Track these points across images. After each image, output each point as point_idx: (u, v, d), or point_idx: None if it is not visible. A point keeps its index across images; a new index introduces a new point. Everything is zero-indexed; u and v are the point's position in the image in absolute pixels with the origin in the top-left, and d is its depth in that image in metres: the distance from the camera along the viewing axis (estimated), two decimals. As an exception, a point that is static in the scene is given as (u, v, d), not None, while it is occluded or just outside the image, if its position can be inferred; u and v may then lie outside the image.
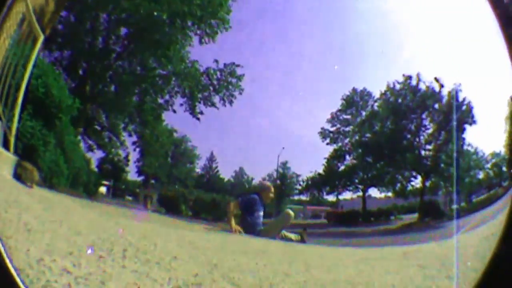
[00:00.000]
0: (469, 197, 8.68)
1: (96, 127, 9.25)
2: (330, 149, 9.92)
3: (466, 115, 8.87)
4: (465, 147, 9.16)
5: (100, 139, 9.19)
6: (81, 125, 8.46)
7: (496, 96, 7.20)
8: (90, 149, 8.95)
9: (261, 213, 7.92)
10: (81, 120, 8.32)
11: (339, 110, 9.97)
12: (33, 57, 6.19)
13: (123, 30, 9.36)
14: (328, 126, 9.89)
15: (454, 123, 9.21)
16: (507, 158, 7.74)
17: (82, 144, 8.58)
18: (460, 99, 8.96)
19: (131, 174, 9.00)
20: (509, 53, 3.35)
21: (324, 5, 8.40)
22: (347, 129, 10.05)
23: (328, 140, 9.88)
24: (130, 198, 8.78)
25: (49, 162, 6.68)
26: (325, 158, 9.79)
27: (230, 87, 9.45)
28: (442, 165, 9.55)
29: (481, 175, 9.12)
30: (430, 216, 8.92)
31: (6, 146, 5.81)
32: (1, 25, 3.96)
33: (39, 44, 6.30)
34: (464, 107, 8.91)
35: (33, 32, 6.13)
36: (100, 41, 9.29)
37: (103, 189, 8.38)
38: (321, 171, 9.79)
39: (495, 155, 8.73)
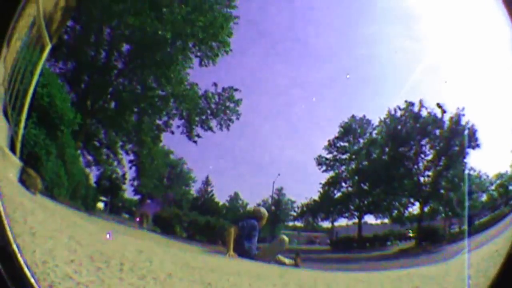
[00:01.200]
0: (471, 220, 8.64)
1: (95, 143, 9.30)
2: (327, 176, 9.84)
3: (469, 139, 8.93)
4: (467, 171, 9.20)
5: (98, 155, 9.24)
6: (81, 139, 8.54)
7: (501, 117, 7.25)
8: (88, 164, 8.99)
9: (257, 238, 7.98)
10: (81, 134, 8.41)
11: (336, 138, 9.90)
12: (40, 65, 6.32)
13: (125, 47, 9.48)
14: (325, 153, 9.81)
15: (460, 149, 9.24)
16: None
17: (81, 159, 8.64)
18: (463, 123, 9.01)
19: (128, 192, 9.03)
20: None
21: (326, 30, 8.48)
22: (344, 156, 10.00)
23: (324, 167, 9.81)
24: (126, 216, 8.84)
25: (51, 172, 6.80)
26: (320, 184, 9.68)
27: (227, 111, 9.49)
28: (442, 190, 9.57)
29: (484, 198, 9.02)
30: (428, 241, 8.88)
31: (13, 149, 5.91)
32: (15, 24, 4.06)
33: (46, 53, 6.42)
34: (466, 131, 8.96)
35: (41, 38, 6.26)
36: (103, 56, 9.44)
37: (101, 205, 8.45)
38: (316, 197, 9.70)
39: (499, 176, 8.62)
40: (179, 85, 9.54)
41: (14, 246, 2.99)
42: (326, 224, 9.89)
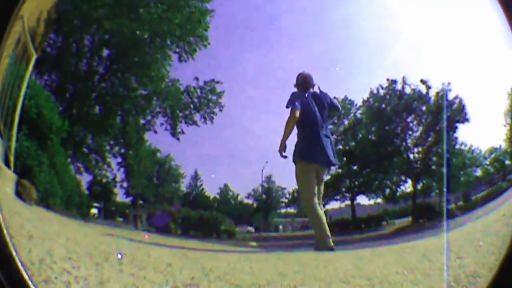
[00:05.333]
0: (467, 195, 8.62)
1: (84, 149, 9.28)
2: None
3: (457, 114, 8.94)
4: (457, 146, 9.19)
5: (88, 161, 9.22)
6: (70, 148, 8.54)
7: (491, 91, 7.25)
8: (79, 171, 8.95)
9: None
10: (70, 142, 8.42)
11: None
12: (27, 77, 6.47)
13: (105, 52, 9.55)
14: None
15: (445, 123, 9.20)
16: (510, 151, 7.82)
17: (72, 167, 8.62)
18: (451, 97, 8.98)
19: (120, 196, 9.03)
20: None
21: (302, 16, 8.50)
22: None
23: None
24: (120, 219, 8.82)
25: (44, 182, 6.94)
26: None
27: (210, 104, 9.59)
28: (433, 166, 9.64)
29: (478, 172, 9.14)
30: (425, 218, 8.85)
31: (7, 164, 6.06)
32: (4, 43, 4.12)
33: (31, 64, 6.53)
34: (455, 106, 8.96)
35: (27, 51, 6.37)
36: (84, 63, 9.46)
37: (95, 211, 8.45)
38: None
39: (493, 150, 8.70)
40: (160, 82, 9.66)
41: (11, 247, 3.03)
42: (319, 208, 9.77)
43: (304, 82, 7.77)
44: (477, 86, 7.82)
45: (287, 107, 7.40)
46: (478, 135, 8.78)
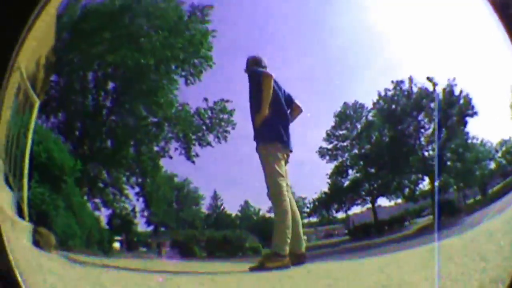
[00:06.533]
0: (484, 189, 8.55)
1: (100, 184, 9.21)
2: (332, 166, 9.73)
3: (465, 108, 8.91)
4: (469, 141, 9.19)
5: (105, 195, 9.14)
6: (85, 185, 8.48)
7: (496, 84, 7.21)
8: (97, 207, 8.87)
9: None
10: (84, 180, 8.36)
11: (334, 127, 9.83)
12: (32, 124, 6.45)
13: (110, 85, 9.47)
14: (325, 145, 9.71)
15: (458, 118, 9.16)
16: None
17: (89, 204, 8.55)
18: (457, 92, 8.96)
19: (141, 225, 8.94)
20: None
21: (301, 27, 8.44)
22: (344, 144, 9.94)
23: (327, 158, 9.71)
24: (144, 249, 8.74)
25: (62, 226, 6.82)
26: (327, 176, 9.55)
27: (222, 123, 9.50)
28: (448, 162, 9.51)
29: (492, 165, 8.99)
30: (446, 214, 8.48)
31: (21, 215, 5.96)
32: (3, 96, 4.12)
33: (35, 110, 6.52)
34: (462, 100, 8.94)
35: (29, 99, 6.34)
36: (90, 99, 9.36)
37: (117, 245, 8.35)
38: (326, 190, 9.57)
39: (503, 142, 8.56)
40: (170, 108, 9.56)
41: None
42: (341, 215, 9.75)
43: (255, 64, 7.69)
44: (480, 80, 7.76)
45: (260, 73, 7.27)
46: (486, 129, 8.68)
